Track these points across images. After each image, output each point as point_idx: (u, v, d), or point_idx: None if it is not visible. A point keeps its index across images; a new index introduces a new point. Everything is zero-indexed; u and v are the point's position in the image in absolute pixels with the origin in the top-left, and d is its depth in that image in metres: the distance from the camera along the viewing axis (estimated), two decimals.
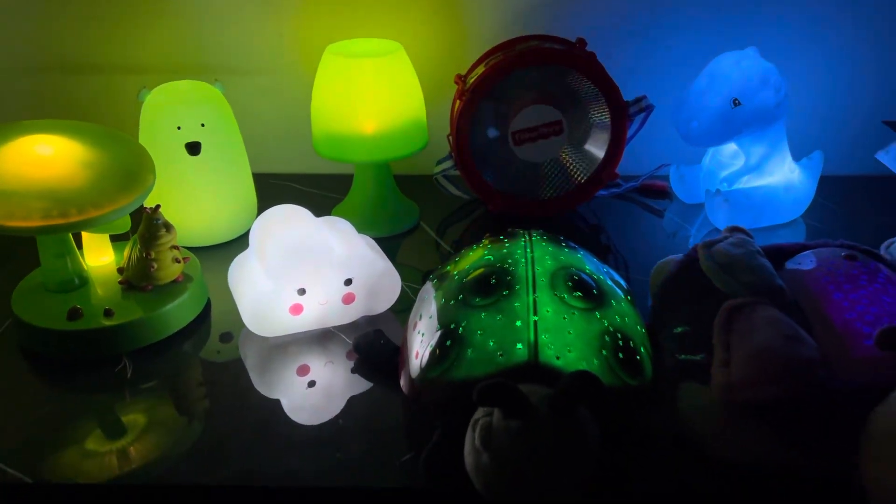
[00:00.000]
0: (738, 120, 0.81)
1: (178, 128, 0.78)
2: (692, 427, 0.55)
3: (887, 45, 0.96)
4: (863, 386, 0.51)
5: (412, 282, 0.76)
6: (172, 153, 0.78)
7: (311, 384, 0.64)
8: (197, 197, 0.81)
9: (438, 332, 0.56)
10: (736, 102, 0.81)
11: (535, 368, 0.52)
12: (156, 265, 0.68)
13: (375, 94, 0.81)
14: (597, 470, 0.49)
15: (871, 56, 0.97)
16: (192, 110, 0.79)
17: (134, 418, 0.61)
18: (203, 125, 0.78)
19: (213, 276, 0.77)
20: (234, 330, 0.70)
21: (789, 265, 0.65)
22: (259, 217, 0.70)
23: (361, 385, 0.64)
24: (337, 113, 0.82)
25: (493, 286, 0.57)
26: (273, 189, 0.95)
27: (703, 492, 0.53)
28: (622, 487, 0.53)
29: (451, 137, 0.88)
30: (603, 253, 0.86)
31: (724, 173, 0.87)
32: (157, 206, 0.67)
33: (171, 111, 0.78)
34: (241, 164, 0.85)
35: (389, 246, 0.80)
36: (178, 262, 0.70)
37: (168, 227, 0.67)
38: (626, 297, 0.62)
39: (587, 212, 0.94)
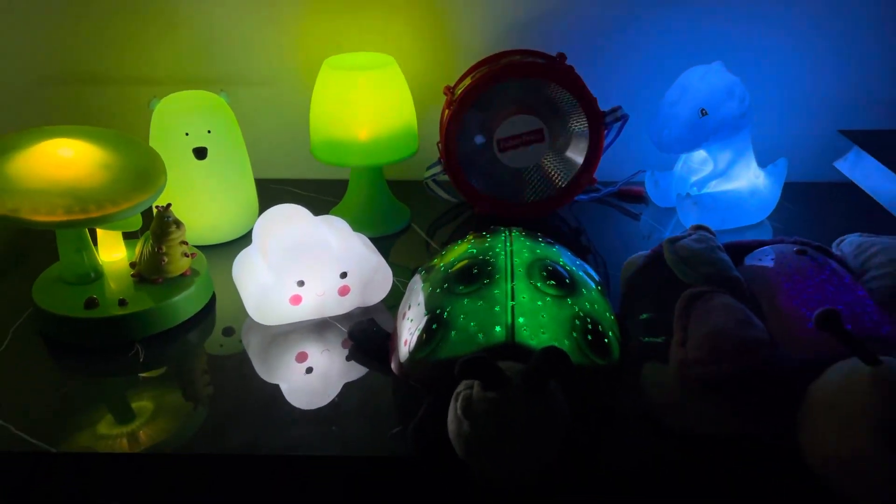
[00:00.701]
0: (706, 129, 0.87)
1: (186, 134, 0.83)
2: (653, 402, 0.61)
3: (847, 60, 1.02)
4: (804, 363, 0.57)
5: (404, 277, 0.82)
6: (181, 158, 0.83)
7: (310, 370, 0.69)
8: (203, 198, 0.87)
9: (425, 318, 0.61)
10: (703, 112, 0.87)
11: (512, 348, 0.57)
12: (166, 259, 0.73)
13: (369, 103, 0.87)
14: (566, 438, 0.54)
15: (832, 70, 1.03)
16: (199, 118, 0.84)
17: (146, 397, 0.66)
18: (209, 132, 0.84)
19: (218, 273, 0.82)
20: (238, 321, 0.76)
21: (748, 260, 0.72)
22: (262, 215, 0.75)
23: (356, 370, 0.69)
24: (334, 121, 0.87)
25: (476, 275, 0.63)
26: (273, 193, 1.01)
27: (664, 460, 0.58)
28: (590, 454, 0.58)
29: (440, 144, 0.93)
30: (583, 253, 0.90)
31: (694, 178, 0.94)
32: (169, 205, 0.73)
33: (180, 119, 0.84)
34: (244, 168, 0.90)
35: (383, 245, 0.86)
36: (187, 256, 0.75)
37: (178, 223, 0.73)
38: (597, 287, 0.67)
39: (568, 214, 1.00)
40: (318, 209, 0.83)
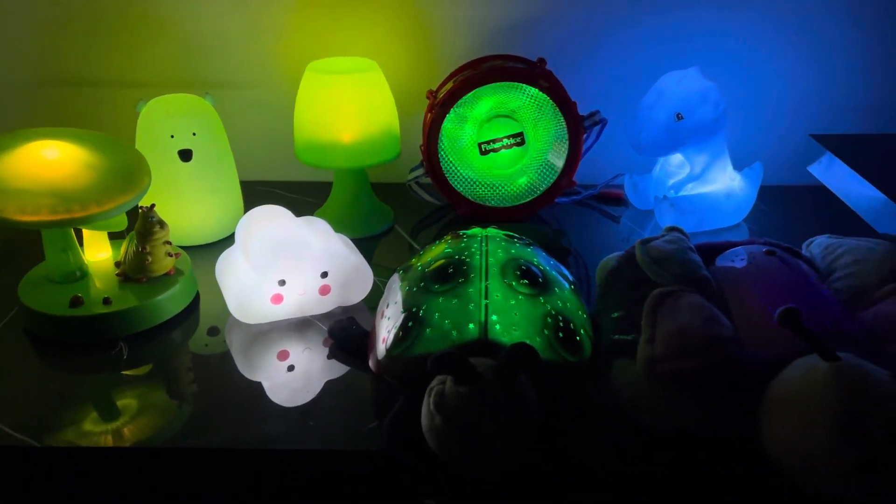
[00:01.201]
0: (682, 132, 0.89)
1: (172, 136, 0.85)
2: (623, 397, 0.62)
3: (821, 66, 1.04)
4: (767, 360, 0.58)
5: (386, 278, 0.82)
6: (166, 159, 0.85)
7: (291, 368, 0.70)
8: (188, 200, 0.88)
9: (402, 316, 0.63)
10: (679, 116, 0.89)
11: (485, 345, 0.59)
12: (150, 258, 0.74)
13: (352, 107, 0.88)
14: (536, 432, 0.55)
15: (807, 75, 1.05)
16: (184, 120, 0.85)
17: (129, 394, 0.67)
18: (194, 134, 0.85)
19: (203, 273, 0.83)
20: (220, 320, 0.77)
21: (719, 261, 0.73)
22: (245, 215, 0.76)
23: (336, 368, 0.70)
24: (317, 123, 0.89)
25: (451, 274, 0.64)
26: (258, 195, 1.02)
27: (633, 454, 0.60)
28: (561, 448, 0.60)
29: (422, 147, 0.95)
30: (563, 255, 0.92)
31: (672, 181, 0.95)
32: (153, 205, 0.74)
33: (166, 121, 0.85)
34: (229, 170, 0.92)
35: (366, 247, 0.87)
36: (171, 256, 0.77)
37: (162, 223, 0.74)
38: (570, 286, 0.69)
39: (549, 217, 1.02)
40: (302, 211, 0.85)
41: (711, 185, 0.94)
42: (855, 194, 0.90)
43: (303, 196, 1.04)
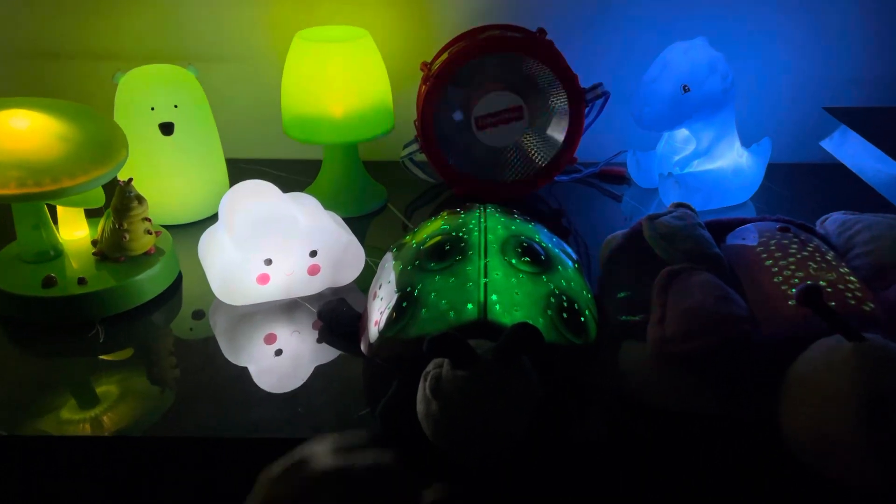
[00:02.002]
0: (688, 105, 0.85)
1: (152, 108, 0.80)
2: (630, 380, 0.59)
3: (834, 35, 1.00)
4: (784, 340, 0.55)
5: (379, 260, 0.79)
6: (146, 133, 0.81)
7: (278, 352, 0.67)
8: (170, 176, 0.84)
9: (396, 296, 0.59)
10: (685, 89, 0.85)
11: (484, 326, 0.56)
12: (128, 236, 0.70)
13: (343, 78, 0.84)
14: (538, 417, 0.52)
15: (817, 47, 1.01)
16: (165, 92, 0.81)
17: (105, 379, 0.63)
18: (176, 106, 0.81)
19: (186, 253, 0.80)
20: (205, 302, 0.73)
21: (730, 238, 0.70)
22: (229, 191, 0.72)
23: (326, 352, 0.66)
24: (306, 96, 0.85)
25: (448, 252, 0.61)
26: (245, 173, 0.96)
27: (641, 438, 0.57)
28: (564, 432, 0.56)
29: (416, 122, 0.91)
30: (563, 234, 0.89)
31: (677, 158, 0.92)
32: (130, 179, 0.70)
33: (145, 92, 0.81)
34: (214, 146, 0.88)
35: (358, 226, 0.84)
36: (150, 233, 0.73)
37: (140, 199, 0.70)
38: (574, 265, 0.66)
39: (549, 195, 0.98)
40: (290, 189, 0.81)
41: (718, 161, 0.90)
42: (871, 169, 0.86)
43: (291, 174, 1.00)
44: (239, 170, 0.97)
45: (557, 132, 0.92)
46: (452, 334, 0.50)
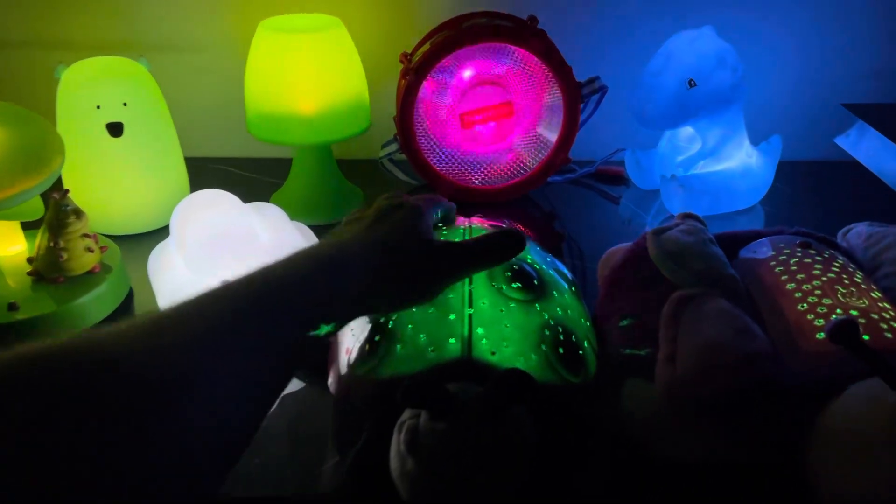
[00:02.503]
0: (694, 102, 0.78)
1: (98, 107, 0.72)
2: (637, 426, 0.52)
3: (849, 24, 0.94)
4: (813, 382, 0.48)
5: None
6: (92, 134, 0.73)
7: None
8: (121, 182, 0.76)
9: (368, 327, 0.52)
10: (691, 83, 0.78)
11: (468, 365, 0.49)
12: (65, 255, 0.62)
13: (313, 72, 0.76)
14: (533, 475, 0.45)
15: (833, 36, 0.95)
16: (113, 88, 0.73)
17: None
18: (125, 104, 0.73)
19: (138, 268, 0.72)
20: None
21: (743, 253, 0.62)
22: (180, 202, 0.64)
23: (290, 390, 0.59)
24: (272, 92, 0.77)
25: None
26: (209, 174, 0.90)
27: (648, 495, 0.50)
28: (561, 493, 0.50)
29: (396, 119, 0.84)
30: (557, 241, 0.82)
31: (680, 158, 0.85)
32: (66, 191, 0.62)
33: (91, 89, 0.73)
34: (170, 147, 0.80)
35: None
36: (92, 251, 0.65)
37: (78, 213, 0.62)
38: (570, 288, 0.58)
39: (541, 198, 0.91)
40: (259, 192, 0.74)
41: (726, 162, 0.83)
42: (891, 168, 0.79)
43: (261, 175, 0.92)
44: (203, 171, 0.90)
45: (550, 130, 0.84)
46: (430, 380, 0.43)
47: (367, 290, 0.44)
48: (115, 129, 0.72)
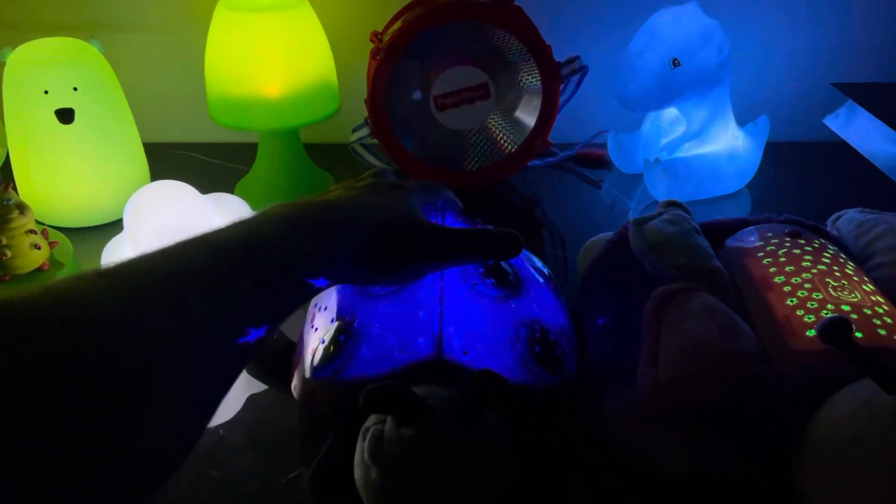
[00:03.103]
0: (678, 82, 0.75)
1: (46, 92, 0.68)
2: (617, 432, 0.49)
3: (840, 0, 0.90)
4: (803, 383, 0.45)
5: None
6: (41, 121, 0.69)
7: None
8: (73, 172, 0.72)
9: (333, 326, 0.49)
10: (675, 63, 0.74)
11: (439, 366, 0.46)
12: (9, 252, 0.59)
13: (277, 52, 0.73)
14: (506, 484, 0.42)
15: (823, 12, 0.91)
16: (62, 72, 0.69)
17: None
18: (76, 89, 0.69)
19: (95, 262, 0.68)
20: None
21: (729, 243, 0.59)
22: (133, 195, 0.61)
23: (249, 390, 0.56)
24: (234, 75, 0.73)
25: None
26: (172, 160, 0.86)
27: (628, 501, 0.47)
28: (538, 498, 0.47)
29: (367, 102, 0.80)
30: (537, 228, 0.79)
31: (664, 141, 0.82)
32: (8, 184, 0.58)
33: (38, 73, 0.68)
34: (126, 133, 0.75)
35: None
36: (39, 248, 0.61)
37: (22, 208, 0.59)
38: (548, 282, 0.55)
39: (520, 183, 0.88)
40: (225, 179, 0.71)
41: (711, 144, 0.80)
42: (881, 150, 0.76)
43: (227, 161, 0.88)
44: (165, 157, 0.86)
45: (528, 113, 0.81)
46: (395, 385, 0.40)
47: (351, 256, 0.41)
48: (66, 116, 0.68)
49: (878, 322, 0.48)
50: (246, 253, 0.36)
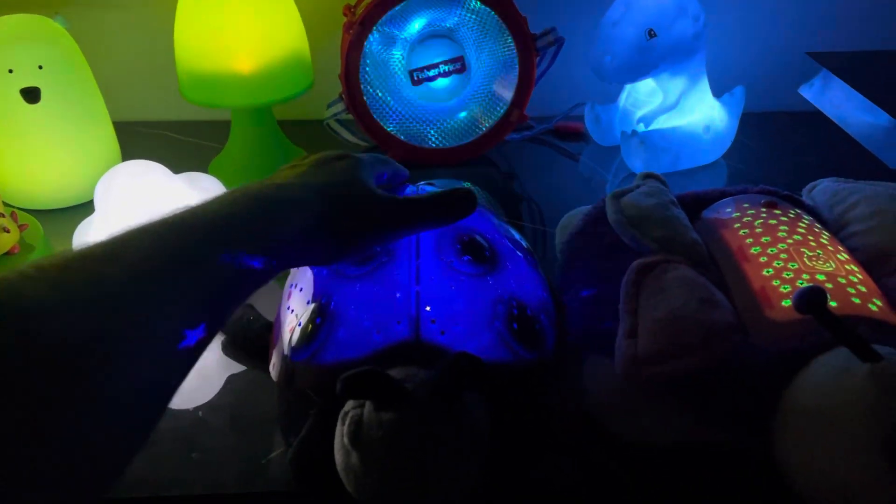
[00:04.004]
0: (654, 53, 0.74)
1: (10, 71, 0.66)
2: (597, 405, 0.49)
3: None
4: (780, 352, 0.46)
5: None
6: (5, 101, 0.67)
7: None
8: (40, 152, 0.70)
9: (310, 308, 0.48)
10: (651, 34, 0.74)
11: (416, 347, 0.45)
12: None
13: (248, 27, 0.71)
14: (487, 465, 0.42)
15: None
16: (26, 50, 0.67)
17: None
18: (41, 67, 0.67)
19: (67, 243, 0.66)
20: None
21: (706, 214, 0.60)
22: (104, 176, 0.59)
23: (228, 373, 0.55)
24: (204, 51, 0.71)
25: (371, 253, 0.49)
26: (143, 139, 0.84)
27: (612, 476, 0.47)
28: (520, 474, 0.47)
29: (341, 76, 0.78)
30: (515, 203, 0.79)
31: (641, 113, 0.81)
32: None
33: (1, 51, 0.66)
34: (95, 111, 0.74)
35: None
36: (8, 231, 0.59)
37: None
38: (526, 257, 0.55)
39: (498, 157, 0.87)
40: (198, 157, 0.69)
41: (688, 116, 0.79)
42: (855, 119, 0.77)
43: (200, 139, 0.87)
44: (136, 136, 0.84)
45: (505, 87, 0.80)
46: (373, 370, 0.40)
47: (305, 233, 0.40)
48: (31, 95, 0.66)
49: (853, 291, 0.48)
50: (181, 235, 0.35)
